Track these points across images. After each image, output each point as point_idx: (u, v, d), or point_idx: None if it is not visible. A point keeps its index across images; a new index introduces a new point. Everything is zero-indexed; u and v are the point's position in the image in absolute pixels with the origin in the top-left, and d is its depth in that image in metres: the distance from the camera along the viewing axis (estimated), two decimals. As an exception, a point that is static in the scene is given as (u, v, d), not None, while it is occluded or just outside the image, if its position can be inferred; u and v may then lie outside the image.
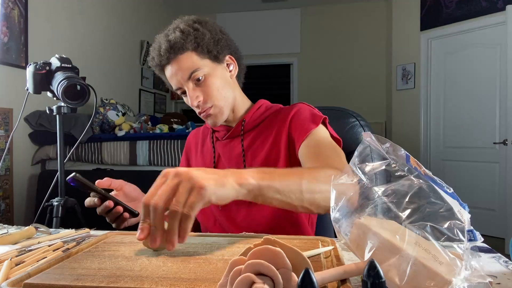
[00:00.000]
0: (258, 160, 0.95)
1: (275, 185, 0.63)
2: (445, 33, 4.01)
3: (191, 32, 0.90)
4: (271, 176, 0.64)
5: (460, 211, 0.44)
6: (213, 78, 0.93)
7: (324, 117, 0.94)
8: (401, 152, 0.50)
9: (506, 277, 0.52)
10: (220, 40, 0.94)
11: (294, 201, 0.66)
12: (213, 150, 1.04)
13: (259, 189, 0.62)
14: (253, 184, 0.61)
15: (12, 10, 2.60)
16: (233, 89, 0.99)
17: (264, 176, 0.63)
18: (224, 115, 0.97)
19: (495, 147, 3.62)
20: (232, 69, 0.99)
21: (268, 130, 0.98)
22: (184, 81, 0.92)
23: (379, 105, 5.00)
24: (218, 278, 0.43)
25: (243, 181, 0.60)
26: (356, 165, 0.52)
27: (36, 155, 2.79)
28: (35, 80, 1.37)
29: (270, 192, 0.63)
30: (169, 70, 0.93)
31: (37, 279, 0.46)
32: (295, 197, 0.65)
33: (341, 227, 0.50)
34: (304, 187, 0.66)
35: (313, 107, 0.99)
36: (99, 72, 3.57)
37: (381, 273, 0.32)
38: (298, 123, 0.93)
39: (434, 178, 0.47)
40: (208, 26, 0.94)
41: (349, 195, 0.50)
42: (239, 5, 5.25)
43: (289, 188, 0.65)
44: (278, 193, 0.64)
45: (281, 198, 0.64)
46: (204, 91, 0.93)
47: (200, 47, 0.91)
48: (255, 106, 1.02)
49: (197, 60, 0.91)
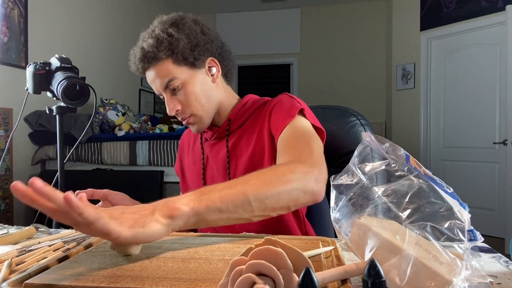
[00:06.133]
0: (243, 160, 0.92)
1: (215, 205, 0.58)
2: (445, 33, 4.01)
3: (165, 38, 0.86)
4: (210, 196, 0.59)
5: (460, 211, 0.44)
6: (191, 86, 0.89)
7: (301, 107, 0.88)
8: (401, 152, 0.50)
9: (507, 277, 0.52)
10: (198, 44, 0.89)
11: (242, 214, 0.61)
12: (202, 152, 1.02)
13: (198, 216, 0.57)
14: (187, 212, 0.56)
15: (12, 10, 2.60)
16: (217, 93, 0.95)
17: (201, 198, 0.58)
18: (204, 123, 0.94)
19: (495, 147, 3.62)
20: (214, 72, 0.94)
21: (253, 126, 0.94)
22: (162, 89, 0.90)
23: (379, 105, 5.00)
24: (219, 278, 0.43)
25: (175, 213, 0.55)
26: (356, 165, 0.52)
27: (36, 155, 2.79)
28: (35, 80, 1.36)
29: (212, 215, 0.58)
30: (148, 77, 0.91)
31: (38, 279, 0.46)
32: (242, 211, 0.61)
33: (341, 227, 0.50)
34: (251, 196, 0.61)
35: (293, 97, 0.93)
36: (99, 72, 3.57)
37: (381, 272, 0.32)
38: (276, 116, 0.89)
39: (434, 178, 0.47)
40: (186, 29, 0.88)
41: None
42: (239, 5, 5.25)
43: (234, 203, 0.60)
44: (222, 213, 0.59)
45: (227, 216, 0.60)
46: (182, 100, 0.90)
47: (175, 54, 0.86)
48: (241, 103, 0.98)
49: (173, 69, 0.87)
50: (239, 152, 0.94)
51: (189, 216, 0.57)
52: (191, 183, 1.06)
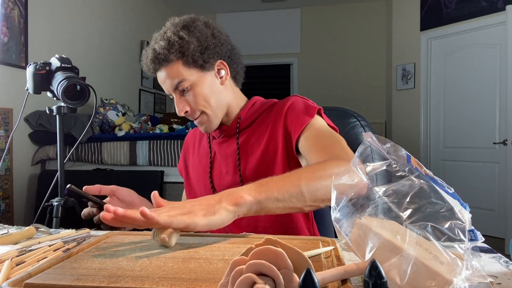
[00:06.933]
0: (254, 157, 0.94)
1: (274, 195, 0.65)
2: (445, 33, 4.01)
3: (176, 41, 0.88)
4: (268, 187, 0.65)
5: (461, 211, 0.44)
6: (200, 88, 0.92)
7: (318, 107, 0.93)
8: (402, 153, 0.50)
9: (507, 277, 0.52)
10: (208, 47, 0.91)
11: (296, 204, 0.67)
12: (210, 149, 1.04)
13: (259, 204, 0.63)
14: (250, 201, 0.63)
15: (12, 10, 2.60)
16: (225, 94, 0.97)
17: (261, 189, 0.64)
18: (213, 123, 0.96)
19: (495, 147, 3.62)
20: (223, 75, 0.96)
21: (264, 125, 0.97)
22: (171, 90, 0.93)
23: (379, 105, 5.00)
24: (219, 278, 0.42)
25: (240, 201, 0.62)
26: (357, 165, 0.52)
27: (36, 155, 2.79)
28: (35, 80, 1.36)
29: (271, 203, 0.64)
30: (159, 77, 0.94)
31: (38, 279, 0.46)
32: (296, 200, 0.67)
33: (341, 227, 0.50)
34: (304, 188, 0.67)
35: (307, 99, 0.97)
36: (99, 72, 3.57)
37: (382, 273, 0.32)
38: (294, 115, 0.92)
39: (435, 178, 0.47)
40: (196, 32, 0.91)
41: (350, 195, 0.50)
42: (239, 5, 5.25)
43: (289, 194, 0.66)
44: (279, 202, 0.65)
45: (284, 205, 0.66)
46: (191, 101, 0.93)
47: (186, 57, 0.89)
48: (250, 103, 1.01)
49: (183, 70, 0.90)
50: (249, 149, 0.96)
51: (252, 204, 0.63)
52: (196, 182, 1.06)
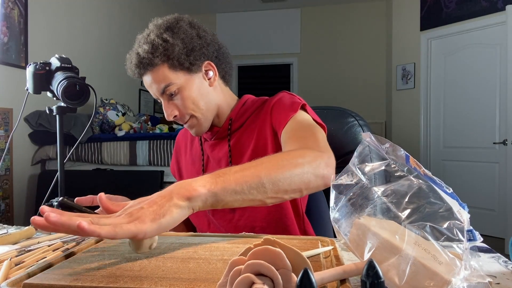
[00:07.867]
0: (245, 156, 0.93)
1: (231, 187, 0.60)
2: (445, 33, 4.01)
3: (160, 44, 0.85)
4: (225, 178, 0.60)
5: (460, 211, 0.44)
6: (188, 91, 0.89)
7: (303, 103, 0.91)
8: (401, 153, 0.50)
9: (506, 277, 0.52)
10: (194, 48, 0.88)
11: (256, 196, 0.62)
12: (202, 152, 1.02)
13: (215, 196, 0.58)
14: (205, 193, 0.57)
15: (12, 10, 2.60)
16: (215, 96, 0.95)
17: (217, 181, 0.59)
18: (203, 126, 0.94)
19: (495, 147, 3.62)
20: (211, 76, 0.93)
21: (254, 124, 0.95)
22: (158, 95, 0.90)
23: (379, 105, 5.00)
24: (218, 278, 0.43)
25: (193, 194, 0.56)
26: (356, 165, 0.52)
27: (36, 155, 2.79)
28: (35, 80, 1.36)
29: (228, 196, 0.59)
30: (145, 82, 0.92)
31: (37, 279, 0.46)
32: (256, 192, 0.62)
33: (340, 227, 0.50)
34: (265, 179, 0.62)
35: (294, 95, 0.95)
36: (99, 72, 3.57)
37: (380, 273, 0.32)
38: (278, 111, 0.90)
39: (433, 178, 0.47)
40: (181, 34, 0.87)
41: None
42: (239, 5, 5.25)
43: (248, 185, 0.61)
44: (237, 194, 0.60)
45: (242, 197, 0.61)
46: (179, 105, 0.90)
47: (171, 60, 0.86)
48: (240, 103, 0.99)
49: (169, 74, 0.87)
50: (240, 150, 0.95)
51: (207, 197, 0.58)
52: None
